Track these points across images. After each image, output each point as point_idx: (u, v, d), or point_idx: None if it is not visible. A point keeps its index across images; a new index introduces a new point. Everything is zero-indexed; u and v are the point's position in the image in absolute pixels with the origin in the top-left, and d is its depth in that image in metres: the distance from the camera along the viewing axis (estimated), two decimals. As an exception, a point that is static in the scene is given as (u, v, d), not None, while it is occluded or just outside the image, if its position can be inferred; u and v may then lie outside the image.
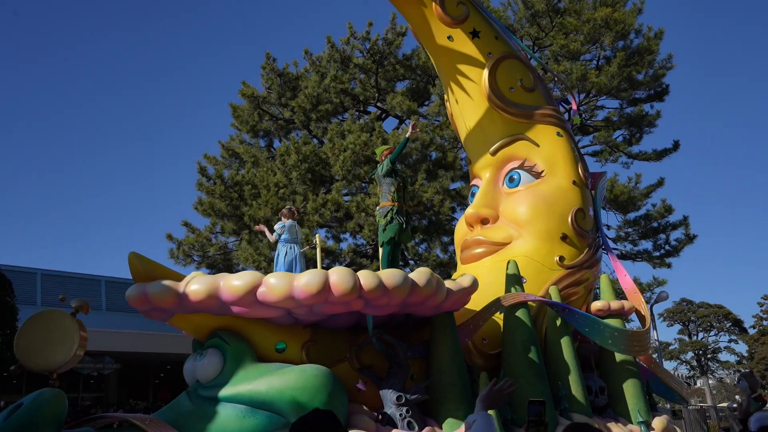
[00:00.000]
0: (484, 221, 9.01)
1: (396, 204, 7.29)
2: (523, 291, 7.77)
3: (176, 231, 21.79)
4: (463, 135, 9.93)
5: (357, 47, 21.87)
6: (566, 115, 11.84)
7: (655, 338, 22.39)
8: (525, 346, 7.35)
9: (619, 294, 9.65)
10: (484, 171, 9.44)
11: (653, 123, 21.77)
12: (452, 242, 16.61)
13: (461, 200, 19.28)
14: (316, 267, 7.45)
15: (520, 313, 7.52)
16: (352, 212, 18.95)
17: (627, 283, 9.13)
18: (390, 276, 6.11)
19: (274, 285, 5.87)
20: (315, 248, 8.43)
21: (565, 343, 7.77)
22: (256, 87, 22.43)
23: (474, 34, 9.40)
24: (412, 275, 6.36)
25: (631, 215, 21.64)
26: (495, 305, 7.47)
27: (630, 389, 8.25)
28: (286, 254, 8.85)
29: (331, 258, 19.83)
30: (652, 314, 20.88)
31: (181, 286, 6.01)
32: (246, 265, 19.12)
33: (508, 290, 7.73)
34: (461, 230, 9.46)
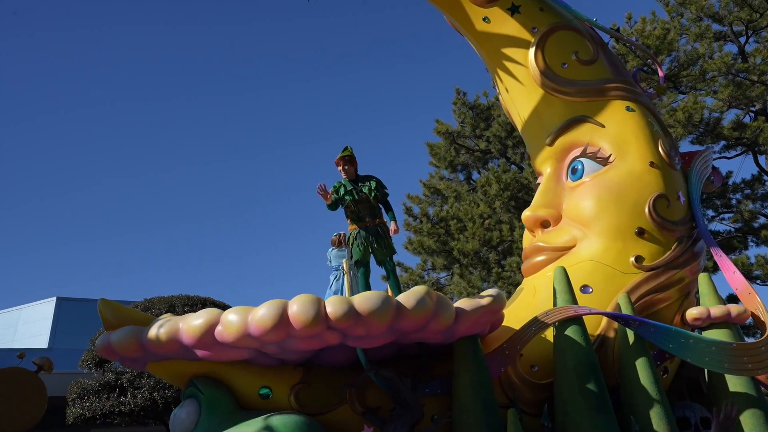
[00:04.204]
0: (544, 224, 7.62)
1: (356, 227, 6.41)
2: (576, 302, 6.27)
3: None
4: (519, 127, 8.59)
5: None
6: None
7: None
8: (579, 372, 5.84)
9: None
10: (544, 165, 8.04)
11: None
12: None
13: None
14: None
15: (571, 331, 6.02)
16: (561, 235, 18.26)
17: (737, 281, 7.08)
18: (363, 300, 5.07)
19: (230, 322, 5.12)
20: (343, 274, 7.55)
21: (641, 364, 6.07)
22: (450, 123, 22.74)
23: (513, 10, 8.14)
24: (400, 297, 5.27)
25: None
26: (536, 324, 6.07)
27: (750, 421, 6.28)
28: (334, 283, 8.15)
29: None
30: None
31: (144, 332, 5.48)
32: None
33: (555, 303, 6.28)
34: (527, 239, 8.11)
